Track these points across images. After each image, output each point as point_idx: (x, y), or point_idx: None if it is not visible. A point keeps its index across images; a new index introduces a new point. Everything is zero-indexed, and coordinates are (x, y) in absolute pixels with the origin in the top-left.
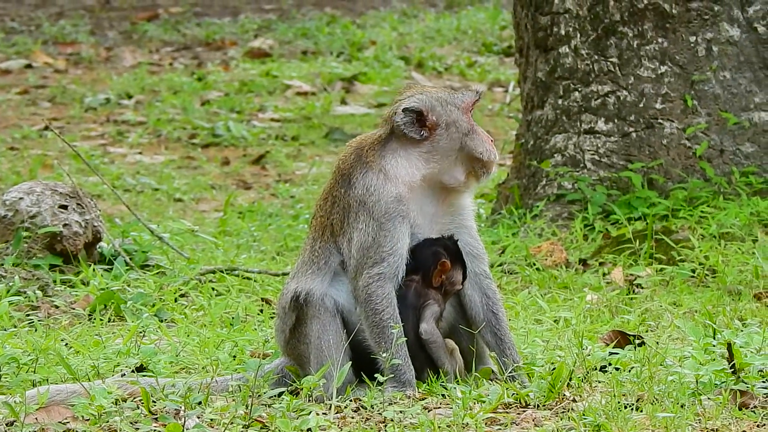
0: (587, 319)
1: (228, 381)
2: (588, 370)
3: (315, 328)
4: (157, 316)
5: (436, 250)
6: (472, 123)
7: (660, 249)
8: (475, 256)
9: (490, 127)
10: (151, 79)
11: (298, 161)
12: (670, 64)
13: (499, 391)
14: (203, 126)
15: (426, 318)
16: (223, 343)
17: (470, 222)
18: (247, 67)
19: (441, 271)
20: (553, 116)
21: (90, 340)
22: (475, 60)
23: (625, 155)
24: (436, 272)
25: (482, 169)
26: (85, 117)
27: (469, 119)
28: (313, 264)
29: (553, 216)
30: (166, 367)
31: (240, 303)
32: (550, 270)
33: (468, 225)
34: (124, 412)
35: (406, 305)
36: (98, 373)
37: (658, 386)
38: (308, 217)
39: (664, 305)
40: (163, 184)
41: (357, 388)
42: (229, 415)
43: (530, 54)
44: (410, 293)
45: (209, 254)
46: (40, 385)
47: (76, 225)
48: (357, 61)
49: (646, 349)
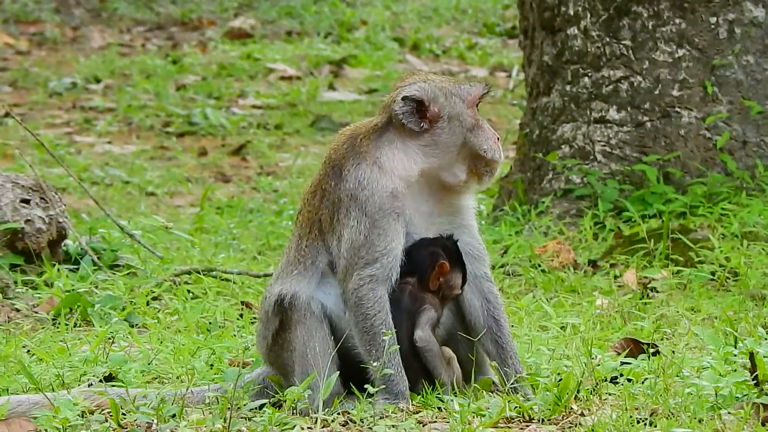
0: (597, 325)
1: (205, 392)
2: (597, 381)
3: (300, 335)
4: (128, 321)
5: (433, 251)
6: (477, 118)
7: (677, 249)
8: (475, 258)
9: (492, 116)
10: (121, 61)
11: (281, 152)
12: (688, 48)
13: (500, 404)
14: (178, 113)
15: (421, 324)
16: (199, 350)
17: (470, 221)
18: (226, 49)
19: (439, 274)
20: (561, 104)
21: (54, 346)
22: (475, 42)
23: (639, 147)
24: (433, 274)
25: (485, 168)
26: (49, 103)
27: (474, 114)
28: (298, 264)
29: (560, 213)
30: (137, 377)
31: (218, 307)
32: (557, 272)
33: (468, 224)
34: (91, 425)
35: (400, 310)
36: (63, 383)
37: (674, 399)
38: (293, 213)
39: (681, 311)
40: (134, 176)
41: (345, 400)
42: (205, 429)
43: (536, 36)
44: (405, 297)
45: (184, 253)
46: (0, 396)
47: (39, 221)
48: (346, 43)
49: (661, 358)
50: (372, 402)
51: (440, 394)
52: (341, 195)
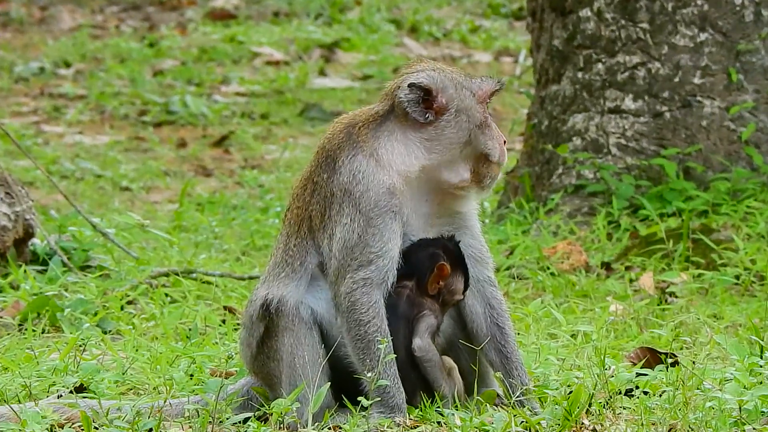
0: (611, 333)
1: (184, 404)
2: (611, 394)
3: (287, 342)
4: (100, 327)
5: (433, 252)
6: (486, 115)
7: (698, 251)
8: (477, 260)
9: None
10: (93, 44)
11: (267, 143)
12: (711, 31)
13: (505, 419)
14: (155, 101)
15: (420, 332)
16: (178, 359)
17: (472, 221)
18: (207, 31)
19: (438, 277)
20: (572, 92)
21: (20, 354)
22: (479, 24)
23: (657, 139)
24: (432, 277)
25: (487, 171)
26: (14, 89)
27: (484, 110)
28: (286, 266)
29: (571, 211)
30: (111, 388)
31: (198, 312)
32: (567, 275)
33: (469, 225)
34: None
35: (397, 316)
36: (30, 394)
37: (695, 414)
38: (281, 210)
39: (702, 318)
40: (107, 169)
41: (337, 413)
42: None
43: (545, 18)
44: (402, 302)
45: (162, 254)
46: None
47: (3, 218)
48: (338, 25)
49: (680, 369)
50: (366, 416)
51: (440, 407)
52: (334, 189)
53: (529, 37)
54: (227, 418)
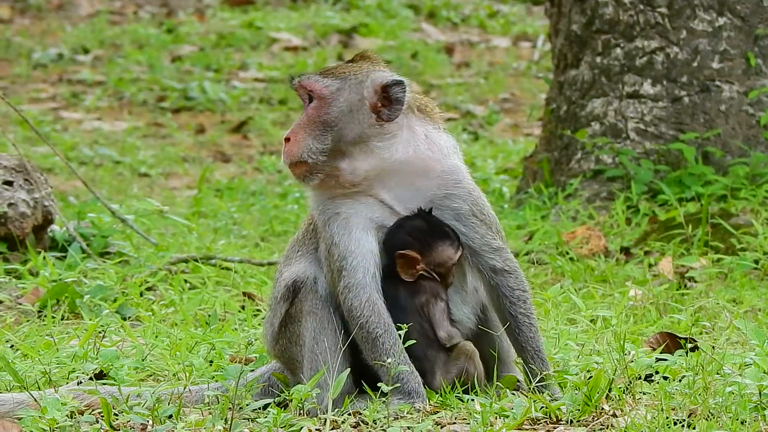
0: (630, 318)
1: (204, 391)
2: (631, 379)
3: (310, 327)
4: (120, 314)
5: (396, 242)
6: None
7: (717, 235)
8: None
9: (515, 89)
10: (111, 30)
11: (286, 129)
12: (729, 16)
13: (525, 404)
14: (173, 87)
15: (438, 322)
16: (197, 345)
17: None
18: (225, 17)
19: (407, 264)
20: (590, 77)
21: (40, 341)
22: (497, 9)
23: (676, 124)
24: (401, 268)
25: None
26: (33, 75)
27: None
28: (303, 245)
29: (590, 196)
30: (131, 374)
31: (218, 298)
32: (586, 260)
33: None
34: (81, 426)
35: (402, 309)
36: (50, 381)
37: (714, 399)
38: (299, 196)
39: (722, 302)
40: (126, 155)
41: (357, 399)
42: (205, 430)
43: (563, 3)
44: (401, 295)
45: (181, 240)
46: None
47: (23, 204)
48: (357, 11)
49: (699, 354)
50: (386, 402)
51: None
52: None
53: (548, 22)
54: (247, 404)
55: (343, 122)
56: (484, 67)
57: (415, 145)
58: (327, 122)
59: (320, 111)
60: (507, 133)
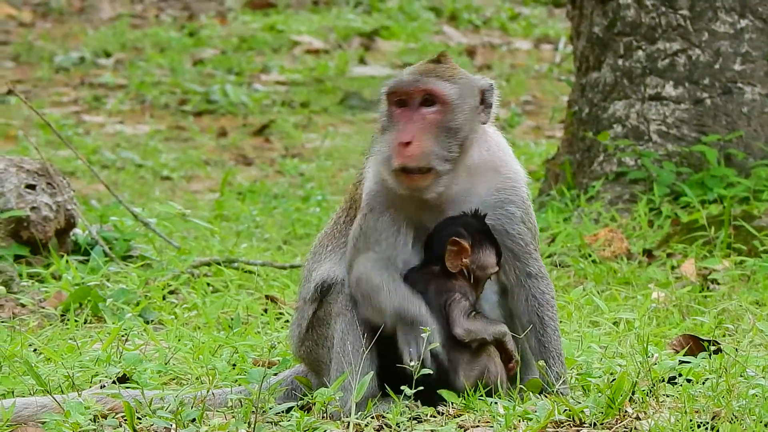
0: (653, 321)
1: (227, 394)
2: (654, 381)
3: (339, 329)
4: (142, 317)
5: (450, 231)
6: (385, 117)
7: (739, 237)
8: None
9: (537, 91)
10: (133, 33)
11: (308, 132)
12: (751, 18)
13: (548, 407)
14: (195, 90)
15: (455, 320)
16: (220, 348)
17: (511, 213)
18: (247, 20)
19: (456, 253)
20: (612, 79)
21: (63, 345)
22: (518, 11)
23: (698, 126)
24: (449, 255)
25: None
26: (55, 79)
27: (388, 113)
28: (333, 238)
29: (612, 198)
30: (154, 378)
31: (240, 301)
32: (609, 262)
33: (509, 216)
34: (104, 430)
35: (427, 305)
36: (73, 385)
37: (738, 401)
38: (321, 199)
39: (745, 305)
40: (147, 159)
41: (380, 401)
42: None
43: (585, 5)
44: (429, 290)
45: (203, 243)
46: (5, 398)
47: (45, 208)
48: (378, 13)
49: (723, 357)
50: (409, 405)
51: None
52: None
53: (569, 24)
54: (270, 407)
55: (465, 129)
56: (506, 70)
57: (487, 147)
58: (452, 129)
59: (445, 116)
60: (529, 136)
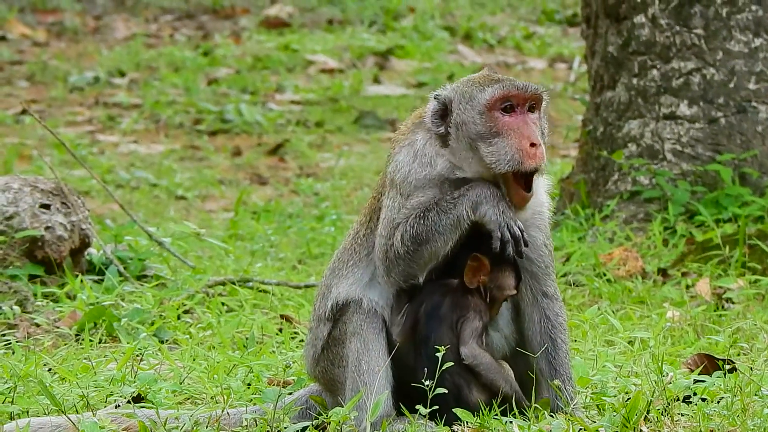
0: (668, 340)
1: (242, 414)
2: (669, 400)
3: (354, 348)
4: (157, 337)
5: (471, 246)
6: (491, 125)
7: (754, 257)
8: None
9: (552, 111)
10: (147, 53)
11: (322, 151)
12: (765, 37)
13: (563, 426)
14: (210, 110)
15: (465, 339)
16: (235, 368)
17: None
18: (261, 40)
19: (475, 270)
20: (627, 98)
21: (78, 364)
22: (533, 31)
23: (713, 145)
24: (468, 270)
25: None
26: (69, 99)
27: (489, 119)
28: (354, 253)
29: (627, 217)
30: (168, 397)
31: (255, 321)
32: (624, 281)
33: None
34: None
35: (440, 318)
36: (88, 404)
37: (753, 420)
38: (336, 218)
39: (759, 324)
40: (162, 178)
41: (395, 421)
42: None
43: (599, 24)
44: (445, 302)
45: (218, 263)
46: (19, 418)
47: (60, 228)
48: (392, 32)
49: (737, 376)
50: (424, 424)
51: (498, 414)
52: (385, 178)
53: (584, 44)
54: (285, 427)
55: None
56: None
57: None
58: (544, 134)
59: (541, 123)
60: None
